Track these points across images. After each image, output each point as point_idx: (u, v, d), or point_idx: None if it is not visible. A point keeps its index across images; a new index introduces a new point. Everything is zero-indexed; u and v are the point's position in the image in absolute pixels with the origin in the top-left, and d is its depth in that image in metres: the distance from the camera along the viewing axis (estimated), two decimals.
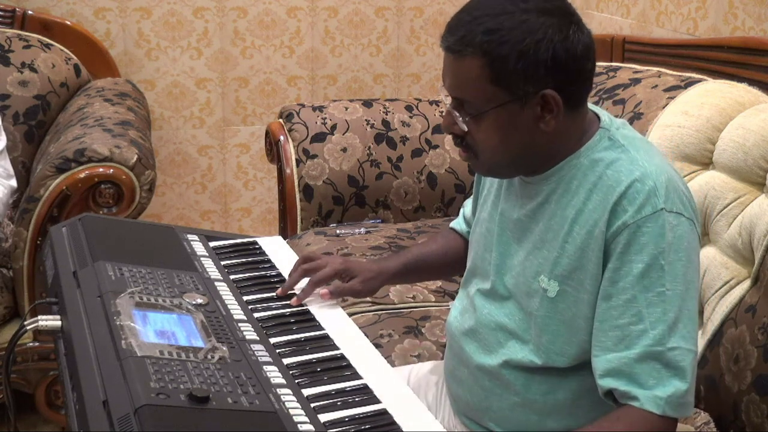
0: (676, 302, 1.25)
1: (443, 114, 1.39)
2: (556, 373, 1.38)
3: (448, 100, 1.35)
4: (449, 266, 1.73)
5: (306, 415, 1.20)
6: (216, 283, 1.57)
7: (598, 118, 1.38)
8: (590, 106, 1.40)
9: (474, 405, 1.48)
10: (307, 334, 1.46)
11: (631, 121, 2.10)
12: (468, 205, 1.71)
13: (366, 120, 2.79)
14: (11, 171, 2.57)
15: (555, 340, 1.35)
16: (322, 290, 1.60)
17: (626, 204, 1.27)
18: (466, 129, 1.33)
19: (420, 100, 2.92)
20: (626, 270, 1.26)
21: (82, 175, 2.39)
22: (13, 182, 2.56)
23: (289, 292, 1.60)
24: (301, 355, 1.38)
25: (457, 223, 1.73)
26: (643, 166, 1.29)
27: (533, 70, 1.26)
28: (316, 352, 1.40)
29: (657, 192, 1.26)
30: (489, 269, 1.45)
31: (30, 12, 3.07)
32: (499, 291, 1.43)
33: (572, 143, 1.35)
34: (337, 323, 1.52)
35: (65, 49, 3.06)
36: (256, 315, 1.50)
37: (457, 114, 1.33)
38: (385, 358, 1.43)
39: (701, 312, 1.80)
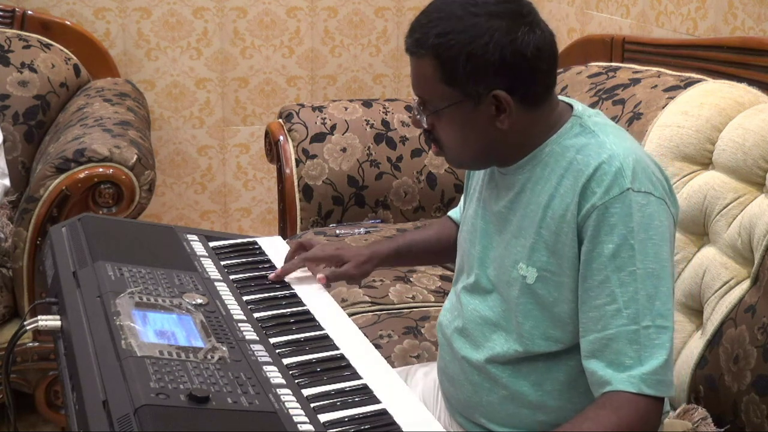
0: (650, 281, 1.27)
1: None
2: (542, 362, 1.40)
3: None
4: (442, 253, 1.77)
5: (306, 415, 1.20)
6: (216, 283, 1.57)
7: (572, 108, 1.41)
8: (564, 98, 1.43)
9: (465, 401, 1.49)
10: (307, 334, 1.46)
11: (630, 121, 2.10)
12: None
13: (365, 120, 2.79)
14: (5, 170, 2.57)
15: (538, 326, 1.38)
16: (319, 275, 1.65)
17: (594, 186, 1.30)
18: (426, 126, 1.38)
19: None
20: (598, 251, 1.29)
21: (81, 175, 2.39)
22: (7, 181, 2.56)
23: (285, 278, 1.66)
24: (300, 355, 1.38)
25: (455, 212, 1.76)
26: (610, 149, 1.32)
27: (482, 72, 1.30)
28: (316, 352, 1.40)
29: (623, 173, 1.29)
30: (473, 263, 1.48)
31: (30, 12, 3.07)
32: (482, 284, 1.46)
33: (541, 135, 1.38)
34: (337, 323, 1.52)
35: (65, 49, 3.06)
36: (255, 315, 1.50)
37: (418, 112, 1.39)
38: (385, 359, 1.43)
39: (700, 312, 1.80)
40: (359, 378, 1.33)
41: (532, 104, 1.35)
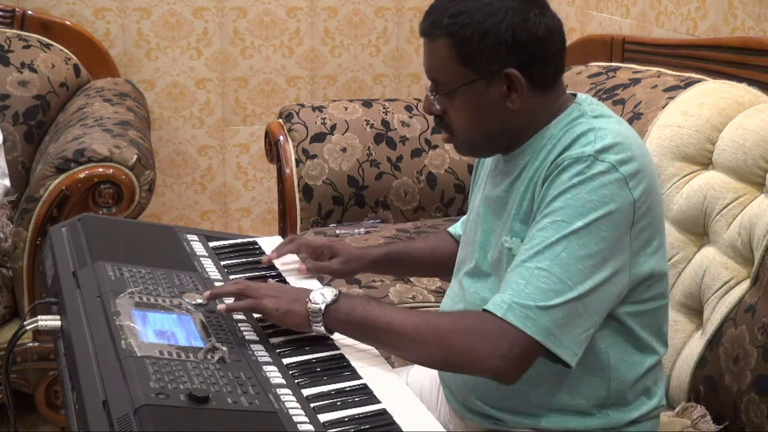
0: (563, 232, 1.28)
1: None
2: None
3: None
4: (435, 266, 1.78)
5: (306, 415, 1.20)
6: (216, 284, 1.57)
7: (576, 97, 1.45)
8: (572, 91, 1.46)
9: (461, 382, 1.49)
10: (307, 334, 1.46)
11: (630, 121, 2.10)
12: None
13: (365, 120, 2.79)
14: (5, 170, 2.57)
15: None
16: (300, 265, 1.69)
17: (566, 151, 1.33)
18: (439, 107, 1.42)
19: (420, 100, 2.92)
20: (544, 205, 1.32)
21: (81, 175, 2.39)
22: (7, 181, 2.56)
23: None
24: (300, 355, 1.38)
25: (455, 228, 1.77)
26: (597, 127, 1.35)
27: (495, 50, 1.34)
28: (316, 352, 1.40)
29: (593, 143, 1.32)
30: (475, 248, 1.49)
31: (30, 12, 3.07)
32: (483, 268, 1.48)
33: (544, 120, 1.41)
34: None
35: (65, 49, 3.06)
36: (255, 315, 1.49)
37: (432, 94, 1.42)
38: (385, 359, 1.43)
39: (700, 312, 1.80)
40: (359, 378, 1.33)
41: (541, 87, 1.38)
